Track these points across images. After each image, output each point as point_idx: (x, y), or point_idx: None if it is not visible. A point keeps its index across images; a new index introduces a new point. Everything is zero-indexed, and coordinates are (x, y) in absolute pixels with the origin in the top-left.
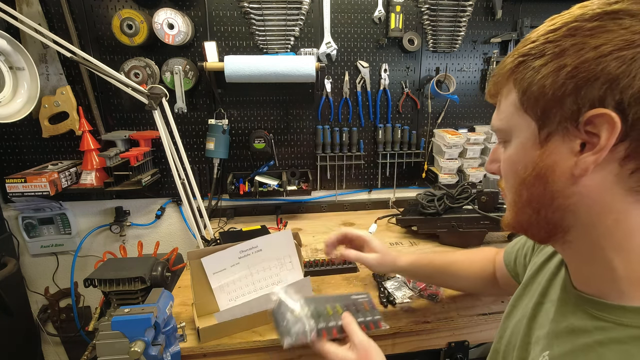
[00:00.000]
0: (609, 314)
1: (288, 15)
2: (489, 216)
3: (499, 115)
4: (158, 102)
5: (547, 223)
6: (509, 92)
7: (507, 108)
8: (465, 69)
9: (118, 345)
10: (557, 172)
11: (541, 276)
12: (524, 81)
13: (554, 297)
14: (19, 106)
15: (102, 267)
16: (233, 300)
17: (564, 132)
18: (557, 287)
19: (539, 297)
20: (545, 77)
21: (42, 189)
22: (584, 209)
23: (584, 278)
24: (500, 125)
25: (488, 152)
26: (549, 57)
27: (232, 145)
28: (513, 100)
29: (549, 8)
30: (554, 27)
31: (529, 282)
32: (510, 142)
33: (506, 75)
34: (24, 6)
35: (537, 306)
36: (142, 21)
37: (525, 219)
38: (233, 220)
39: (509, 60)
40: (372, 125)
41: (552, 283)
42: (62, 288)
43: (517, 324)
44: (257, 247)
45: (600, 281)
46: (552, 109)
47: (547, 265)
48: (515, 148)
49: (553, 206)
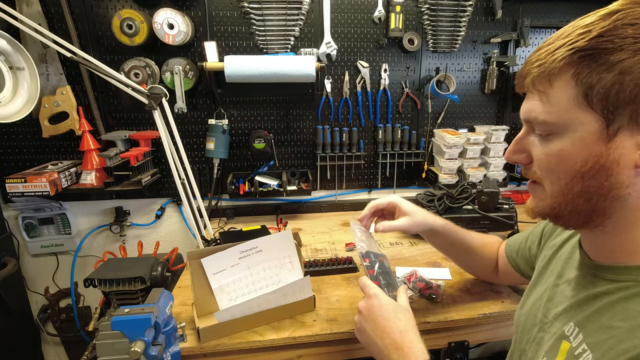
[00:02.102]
0: (630, 275)
1: (288, 15)
2: (489, 216)
3: (548, 109)
4: (158, 102)
5: (593, 211)
6: (564, 86)
7: (562, 102)
8: (465, 69)
9: (118, 345)
10: (621, 165)
11: (553, 264)
12: (592, 77)
13: (570, 276)
14: (19, 106)
15: (102, 267)
16: (233, 300)
17: (632, 127)
18: (571, 268)
19: (555, 280)
20: (625, 74)
21: (42, 189)
22: (636, 195)
23: (605, 251)
24: (550, 119)
25: (488, 152)
26: (628, 52)
27: (232, 145)
28: (572, 95)
29: (549, 8)
30: (625, 21)
31: (541, 271)
32: (559, 135)
33: (560, 69)
34: (24, 6)
35: (552, 288)
36: (142, 21)
37: (569, 209)
38: (233, 220)
39: (560, 52)
40: (372, 125)
41: (566, 266)
42: (62, 288)
43: (531, 309)
44: (257, 247)
45: (622, 252)
46: (627, 105)
47: (559, 253)
48: (571, 142)
49: (609, 196)
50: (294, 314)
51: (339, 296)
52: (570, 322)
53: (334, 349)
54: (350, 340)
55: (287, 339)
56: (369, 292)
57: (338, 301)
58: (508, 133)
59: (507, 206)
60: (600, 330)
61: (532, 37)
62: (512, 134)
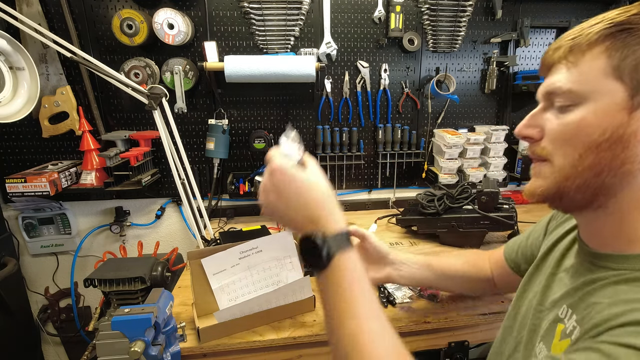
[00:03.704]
0: (629, 264)
1: (288, 15)
2: (489, 216)
3: (576, 77)
4: (158, 102)
5: (600, 188)
6: (597, 56)
7: (591, 72)
8: (465, 69)
9: (118, 345)
10: (639, 137)
11: (553, 254)
12: (626, 50)
13: (568, 265)
14: (19, 106)
15: (102, 267)
16: (233, 300)
17: None
18: (570, 258)
19: (553, 269)
20: None
21: (42, 189)
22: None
23: (604, 237)
24: (575, 87)
25: (488, 152)
26: None
27: (232, 145)
28: (602, 66)
29: (549, 8)
30: None
31: (540, 262)
32: (580, 105)
33: (595, 40)
34: (24, 6)
35: (550, 276)
36: (142, 21)
37: (577, 183)
38: (233, 220)
39: (597, 26)
40: (372, 125)
41: (565, 256)
42: (62, 288)
43: (530, 298)
44: (257, 247)
45: (621, 239)
46: None
47: (560, 244)
48: (593, 111)
49: (619, 171)
50: (294, 314)
51: None
52: (563, 305)
53: None
54: None
55: (287, 339)
56: (270, 166)
57: None
58: (508, 133)
59: (507, 206)
60: (588, 308)
61: (532, 37)
62: (512, 134)
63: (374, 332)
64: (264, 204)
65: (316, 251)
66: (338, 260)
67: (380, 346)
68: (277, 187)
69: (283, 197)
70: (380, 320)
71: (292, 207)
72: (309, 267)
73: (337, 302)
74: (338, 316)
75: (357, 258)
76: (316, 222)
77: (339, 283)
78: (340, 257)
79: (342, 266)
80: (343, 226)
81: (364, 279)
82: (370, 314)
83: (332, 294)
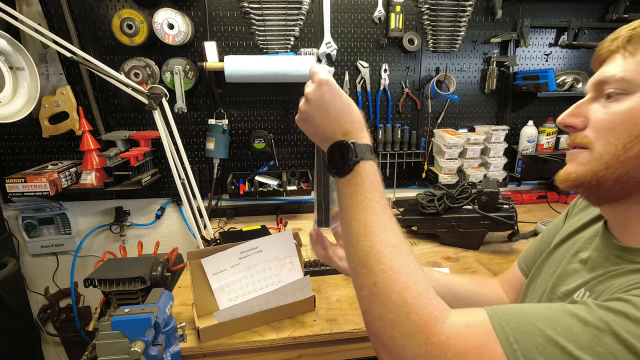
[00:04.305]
0: None
1: (288, 15)
2: (489, 216)
3: (632, 67)
4: (158, 102)
5: None
6: None
7: None
8: (465, 69)
9: (118, 345)
10: None
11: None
12: None
13: (585, 256)
14: (19, 106)
15: (102, 267)
16: (233, 300)
17: None
18: (590, 249)
19: (569, 258)
20: None
21: (42, 189)
22: None
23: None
24: (630, 76)
25: (488, 152)
26: None
27: (232, 145)
28: None
29: (549, 8)
30: None
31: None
32: (631, 95)
33: None
34: (24, 6)
35: (565, 265)
36: (142, 21)
37: (617, 174)
38: (233, 220)
39: None
40: (372, 125)
41: (584, 246)
42: (62, 288)
43: (542, 285)
44: (257, 247)
45: None
46: None
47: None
48: None
49: None
50: (294, 314)
51: (339, 296)
52: (581, 289)
53: (334, 349)
54: (351, 340)
55: (287, 339)
56: (319, 78)
57: (338, 301)
58: (508, 133)
59: (507, 206)
60: (607, 287)
61: (532, 37)
62: (512, 134)
63: (390, 225)
64: (303, 111)
65: (346, 155)
66: (363, 165)
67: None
68: (323, 97)
69: (324, 108)
70: (392, 220)
71: (332, 118)
72: (334, 173)
73: (357, 202)
74: (357, 216)
75: (377, 169)
76: (348, 133)
77: (361, 183)
78: (365, 163)
79: (366, 170)
80: (370, 141)
81: (381, 185)
82: (385, 212)
83: (353, 195)
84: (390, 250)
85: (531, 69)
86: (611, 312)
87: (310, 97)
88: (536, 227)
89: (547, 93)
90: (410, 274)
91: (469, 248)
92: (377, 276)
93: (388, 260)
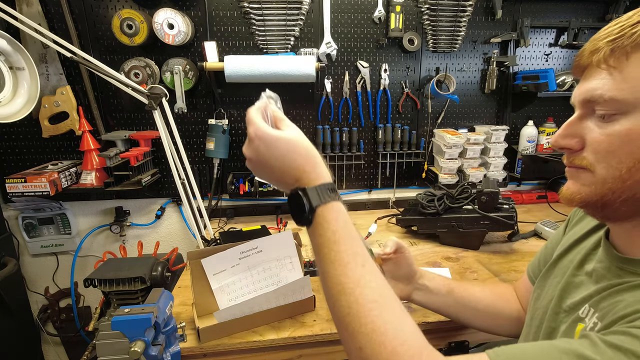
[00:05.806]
0: None
1: (288, 15)
2: (489, 216)
3: (620, 85)
4: (158, 102)
5: None
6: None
7: (637, 78)
8: (465, 69)
9: (118, 345)
10: None
11: (573, 254)
12: None
13: (590, 268)
14: (19, 106)
15: (102, 267)
16: (233, 300)
17: None
18: (594, 261)
19: (573, 270)
20: None
21: (42, 189)
22: None
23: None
24: (621, 95)
25: (488, 152)
26: None
27: (232, 145)
28: None
29: (549, 8)
30: None
31: (558, 260)
32: (628, 114)
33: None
34: (24, 6)
35: (569, 277)
36: (142, 21)
37: (624, 197)
38: (233, 220)
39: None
40: (372, 125)
41: (588, 258)
42: (62, 288)
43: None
44: (258, 247)
45: None
46: None
47: (581, 244)
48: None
49: None
50: (294, 314)
51: None
52: (585, 305)
53: (334, 349)
54: None
55: (287, 339)
56: (249, 133)
57: None
58: (508, 133)
59: (507, 206)
60: (612, 305)
61: (532, 37)
62: (512, 134)
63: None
64: (250, 168)
65: (302, 207)
66: (321, 212)
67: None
68: (259, 153)
69: (263, 163)
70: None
71: (277, 170)
72: (299, 224)
73: (324, 255)
74: (328, 269)
75: (341, 207)
76: (299, 179)
77: (323, 234)
78: (324, 209)
79: (326, 218)
80: (326, 179)
81: (348, 228)
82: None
83: (320, 247)
84: (370, 307)
85: (531, 69)
86: (620, 352)
87: (248, 156)
88: (536, 227)
89: (547, 93)
90: (397, 334)
91: (469, 248)
92: (360, 341)
93: (369, 322)
